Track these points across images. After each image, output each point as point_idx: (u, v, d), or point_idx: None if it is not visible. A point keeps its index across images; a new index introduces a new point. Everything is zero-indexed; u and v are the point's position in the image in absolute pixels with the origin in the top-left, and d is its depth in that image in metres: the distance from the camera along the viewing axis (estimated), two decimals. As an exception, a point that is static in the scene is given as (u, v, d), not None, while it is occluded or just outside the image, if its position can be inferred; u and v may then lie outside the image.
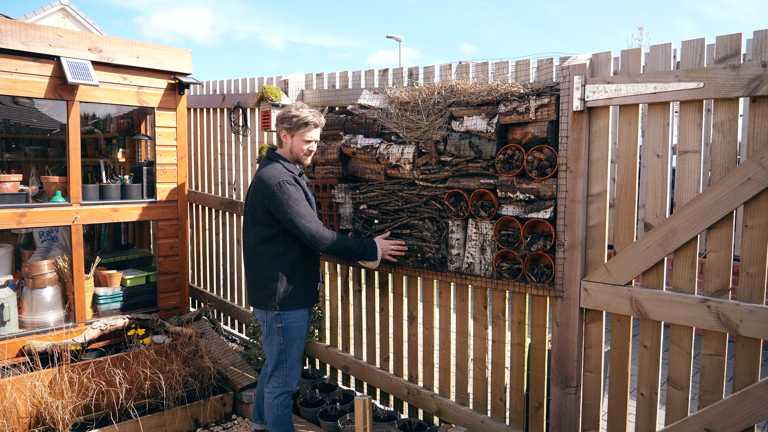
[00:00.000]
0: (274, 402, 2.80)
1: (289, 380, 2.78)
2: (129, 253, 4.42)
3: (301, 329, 2.76)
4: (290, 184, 2.62)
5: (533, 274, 2.52)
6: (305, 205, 2.64)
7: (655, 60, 2.19)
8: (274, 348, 2.76)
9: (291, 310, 2.71)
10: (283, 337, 2.73)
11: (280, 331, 2.72)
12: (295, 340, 2.75)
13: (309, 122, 2.69)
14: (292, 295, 2.69)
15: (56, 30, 3.37)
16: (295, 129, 2.70)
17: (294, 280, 2.70)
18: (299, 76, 3.69)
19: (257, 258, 2.72)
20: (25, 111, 4.21)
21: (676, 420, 2.22)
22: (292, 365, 2.77)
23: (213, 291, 4.98)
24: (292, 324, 2.73)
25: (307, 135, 2.71)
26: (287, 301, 2.69)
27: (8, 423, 2.87)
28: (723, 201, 2.04)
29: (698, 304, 2.10)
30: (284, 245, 2.69)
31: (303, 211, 2.61)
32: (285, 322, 2.71)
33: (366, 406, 2.39)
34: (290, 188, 2.61)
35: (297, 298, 2.71)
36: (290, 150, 2.75)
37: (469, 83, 2.71)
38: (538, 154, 2.45)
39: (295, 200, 2.60)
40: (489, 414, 2.86)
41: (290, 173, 2.68)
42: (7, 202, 3.29)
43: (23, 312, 3.50)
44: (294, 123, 2.69)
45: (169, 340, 3.61)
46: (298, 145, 2.73)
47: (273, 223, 2.67)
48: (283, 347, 2.74)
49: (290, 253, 2.70)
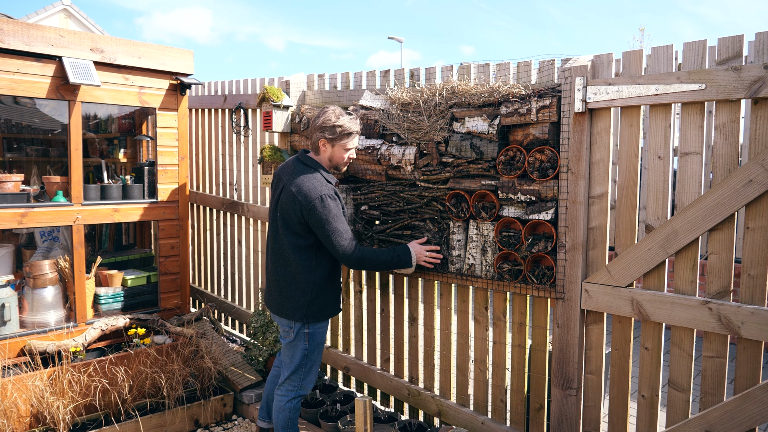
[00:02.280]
0: (287, 405, 2.77)
1: (305, 384, 2.77)
2: (130, 253, 4.42)
3: (324, 334, 2.76)
4: (332, 199, 2.55)
5: (534, 275, 2.52)
6: (343, 222, 2.58)
7: (656, 61, 2.19)
8: (297, 352, 2.71)
9: (320, 321, 2.70)
10: (308, 342, 2.69)
11: (306, 336, 2.68)
12: (319, 345, 2.74)
13: (352, 132, 2.63)
14: (321, 307, 2.67)
15: (58, 30, 3.38)
16: (338, 139, 2.61)
17: (324, 293, 2.68)
18: (300, 77, 3.69)
19: (288, 268, 2.65)
20: (27, 111, 4.22)
21: (677, 422, 2.22)
22: (311, 370, 2.75)
23: (214, 291, 4.98)
24: (319, 330, 2.72)
25: (349, 144, 2.65)
26: (316, 313, 2.66)
27: (9, 422, 2.87)
28: (724, 203, 2.04)
29: (699, 306, 2.10)
30: (317, 257, 2.65)
31: (341, 228, 2.55)
32: (312, 327, 2.69)
33: (366, 407, 2.39)
34: (331, 203, 2.54)
35: (325, 310, 2.70)
36: (329, 158, 2.67)
37: (470, 84, 2.71)
38: (540, 156, 2.45)
39: (334, 216, 2.54)
40: (490, 415, 2.86)
41: (331, 185, 2.62)
42: (8, 202, 3.30)
43: (24, 312, 3.51)
44: (337, 133, 2.60)
45: (169, 341, 3.61)
46: (339, 154, 2.66)
47: (308, 234, 2.61)
48: (307, 352, 2.71)
49: (323, 266, 2.66)
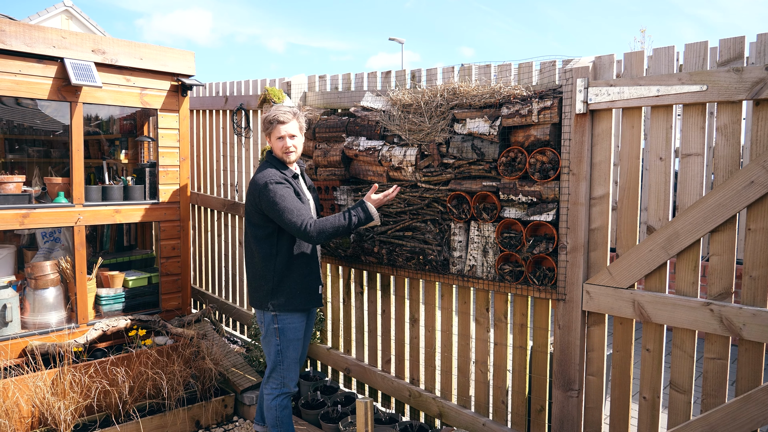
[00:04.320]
0: (272, 403, 2.82)
1: (287, 381, 2.80)
2: (131, 254, 4.42)
3: (297, 331, 2.77)
4: (278, 183, 2.65)
5: (535, 276, 2.51)
6: (292, 201, 2.65)
7: (657, 63, 2.19)
8: (271, 349, 2.78)
9: (287, 313, 2.72)
10: (280, 339, 2.74)
11: (276, 332, 2.74)
12: (292, 342, 2.76)
13: (274, 120, 2.73)
14: (286, 297, 2.71)
15: (60, 31, 3.38)
16: (270, 132, 2.76)
17: (287, 282, 2.72)
18: (302, 78, 3.69)
19: (254, 259, 2.76)
20: (29, 112, 4.22)
21: (679, 424, 2.21)
22: (289, 366, 2.78)
23: (215, 293, 4.98)
24: (289, 325, 2.74)
25: (278, 132, 2.73)
26: (281, 302, 2.70)
27: (10, 423, 2.88)
28: (726, 204, 2.03)
29: (701, 308, 2.10)
30: (278, 246, 2.72)
31: (290, 206, 2.63)
32: (282, 323, 2.73)
33: (367, 409, 2.39)
34: (278, 186, 2.64)
35: (291, 300, 2.72)
36: (275, 151, 2.80)
37: (471, 85, 2.71)
38: (541, 157, 2.45)
39: (281, 197, 2.63)
40: (491, 417, 2.86)
41: (281, 174, 2.71)
42: (10, 203, 3.30)
43: (26, 313, 3.51)
44: (265, 125, 2.77)
45: (170, 342, 3.61)
46: (276, 144, 2.76)
47: (266, 223, 2.70)
48: (280, 348, 2.75)
49: (282, 254, 2.72)
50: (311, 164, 3.45)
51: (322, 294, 2.86)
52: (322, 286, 2.83)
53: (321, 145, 3.37)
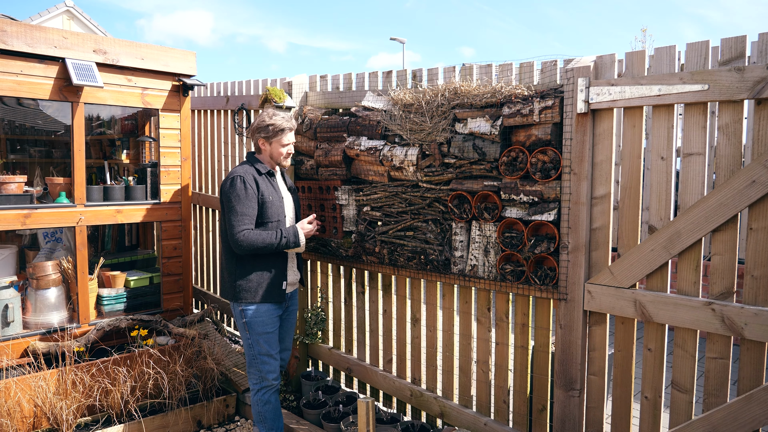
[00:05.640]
0: (254, 399, 2.88)
1: (265, 375, 2.84)
2: (133, 254, 4.43)
3: (266, 324, 2.81)
4: (243, 181, 2.71)
5: (537, 276, 2.51)
6: (247, 206, 2.69)
7: (659, 62, 2.19)
8: (245, 344, 2.86)
9: (250, 304, 2.77)
10: (249, 333, 2.81)
11: (245, 326, 2.81)
12: (261, 335, 2.81)
13: (284, 128, 2.83)
14: (246, 289, 2.76)
15: (61, 32, 3.39)
16: (272, 137, 2.83)
17: (247, 274, 2.76)
18: (303, 78, 3.69)
19: (224, 252, 2.86)
20: (30, 112, 4.23)
21: (681, 423, 2.21)
22: (263, 360, 2.83)
23: (216, 293, 4.99)
24: (256, 319, 2.78)
25: (284, 140, 2.85)
26: (242, 294, 2.76)
27: (12, 422, 2.88)
28: (727, 204, 2.03)
29: (703, 307, 2.10)
30: None
31: (240, 209, 2.68)
32: (248, 317, 2.78)
33: (369, 408, 2.39)
34: (240, 185, 2.70)
35: (251, 292, 2.76)
36: (270, 155, 2.88)
37: (472, 85, 2.71)
38: (542, 157, 2.45)
39: (237, 197, 2.68)
40: (492, 416, 2.86)
41: (253, 169, 2.79)
42: (11, 203, 3.31)
43: (27, 313, 3.51)
44: (271, 131, 2.82)
45: (172, 342, 3.61)
46: (277, 149, 2.85)
47: None
48: (250, 342, 2.82)
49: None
50: (312, 164, 3.45)
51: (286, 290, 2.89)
52: (287, 282, 2.86)
53: (322, 145, 3.37)
